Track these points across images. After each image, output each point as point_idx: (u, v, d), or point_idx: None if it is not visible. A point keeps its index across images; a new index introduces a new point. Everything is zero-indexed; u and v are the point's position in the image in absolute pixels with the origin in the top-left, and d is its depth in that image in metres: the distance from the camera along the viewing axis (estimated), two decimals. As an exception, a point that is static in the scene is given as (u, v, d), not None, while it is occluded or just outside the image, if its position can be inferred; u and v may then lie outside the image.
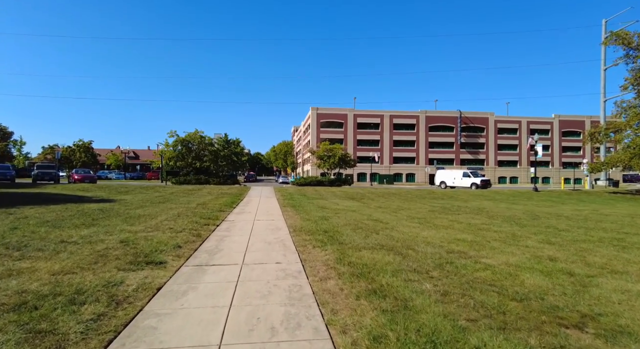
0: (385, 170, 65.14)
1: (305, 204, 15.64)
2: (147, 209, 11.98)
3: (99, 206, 12.76)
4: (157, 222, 8.97)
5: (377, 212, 12.90)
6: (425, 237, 7.80)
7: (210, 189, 24.46)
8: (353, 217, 11.20)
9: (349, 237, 7.33)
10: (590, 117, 69.41)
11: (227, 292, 4.02)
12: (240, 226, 9.08)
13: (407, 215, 12.35)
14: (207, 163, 35.47)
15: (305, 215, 11.38)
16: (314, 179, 36.90)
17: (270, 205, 15.24)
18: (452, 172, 37.66)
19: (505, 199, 22.75)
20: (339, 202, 17.20)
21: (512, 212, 13.96)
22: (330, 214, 11.71)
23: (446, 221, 10.99)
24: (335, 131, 65.60)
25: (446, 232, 8.65)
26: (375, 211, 13.71)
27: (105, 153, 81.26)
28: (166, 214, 10.71)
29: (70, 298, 3.63)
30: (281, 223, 9.65)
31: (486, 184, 34.68)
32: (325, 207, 14.24)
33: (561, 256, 6.25)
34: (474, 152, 68.84)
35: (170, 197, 17.89)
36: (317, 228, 8.54)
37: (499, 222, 11.20)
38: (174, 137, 36.41)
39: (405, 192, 26.39)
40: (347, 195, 22.96)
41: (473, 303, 3.70)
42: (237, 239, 7.23)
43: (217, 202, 15.38)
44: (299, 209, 13.18)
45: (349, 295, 3.89)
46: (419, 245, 6.77)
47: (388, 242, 7.00)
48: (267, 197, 20.19)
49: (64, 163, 51.02)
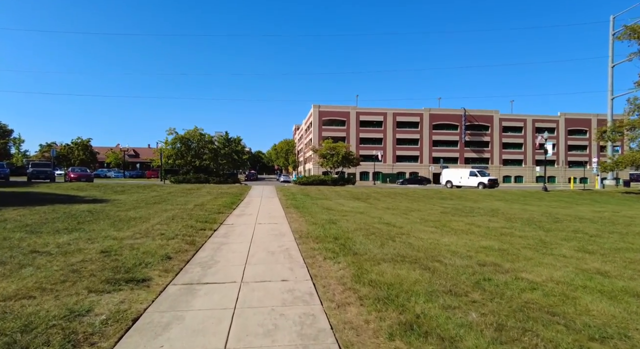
0: (389, 169, 64.17)
1: (309, 205, 14.79)
2: (140, 211, 11.14)
3: (89, 207, 11.93)
4: (148, 227, 8.12)
5: (387, 215, 12.04)
6: (447, 245, 6.93)
7: (209, 189, 23.61)
8: (362, 220, 10.34)
9: (363, 246, 6.46)
10: (597, 115, 68.29)
11: (220, 326, 3.15)
12: (239, 231, 8.23)
13: (419, 217, 11.49)
14: (207, 161, 34.12)
15: (310, 218, 10.52)
16: (316, 178, 35.93)
17: (272, 206, 14.39)
18: (458, 172, 36.71)
19: (517, 200, 21.86)
20: (344, 203, 16.35)
21: (529, 214, 13.09)
22: (338, 217, 10.85)
23: (462, 224, 10.14)
24: (337, 128, 64.61)
25: (468, 238, 7.79)
26: (385, 212, 12.85)
27: (105, 151, 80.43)
28: (159, 217, 9.86)
29: (8, 339, 2.72)
30: (285, 227, 8.80)
31: (493, 183, 33.76)
32: (331, 209, 13.39)
33: (612, 270, 5.38)
34: (478, 150, 67.79)
35: (167, 197, 17.06)
36: (325, 234, 7.68)
37: (519, 225, 10.35)
38: (173, 135, 35.07)
39: (412, 192, 25.51)
40: (352, 195, 22.10)
41: (543, 344, 2.83)
42: (235, 248, 6.36)
43: (216, 203, 14.53)
44: (303, 211, 12.33)
45: (379, 332, 3.00)
46: (444, 256, 5.90)
47: (408, 252, 6.13)
48: (268, 197, 19.35)
49: (62, 161, 50.15)
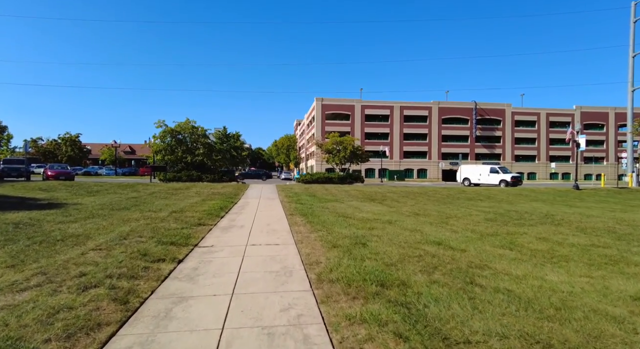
0: (395, 165, 60.99)
1: (318, 210, 11.72)
2: (91, 223, 8.12)
3: (27, 215, 8.91)
4: (74, 257, 5.09)
5: (425, 225, 8.98)
6: (570, 293, 3.89)
7: (200, 188, 20.55)
8: (399, 236, 7.29)
9: (444, 309, 3.39)
10: (615, 108, 64.86)
11: None
12: (218, 264, 5.18)
13: (468, 229, 8.45)
14: (200, 157, 30.77)
15: (326, 233, 7.47)
16: (321, 176, 32.69)
17: (272, 212, 11.36)
18: (477, 168, 33.52)
19: (554, 200, 18.74)
20: (360, 207, 13.31)
21: (602, 223, 9.97)
22: (363, 231, 7.80)
23: (533, 239, 7.19)
24: (341, 123, 61.39)
25: (578, 271, 4.74)
26: (417, 220, 9.80)
27: (100, 148, 77.34)
28: (109, 234, 6.84)
29: None
30: (291, 255, 5.75)
31: (517, 181, 30.60)
32: (348, 216, 10.34)
33: None
34: (489, 146, 64.52)
35: (146, 199, 14.04)
36: (358, 271, 4.63)
37: (611, 241, 7.34)
38: (162, 128, 31.15)
39: (432, 192, 22.40)
40: (365, 195, 19.04)
41: None
42: (200, 313, 3.31)
43: (200, 208, 11.50)
44: (313, 221, 9.26)
45: None
46: (605, 332, 2.84)
47: (537, 326, 3.06)
48: (268, 198, 16.31)
49: (49, 158, 47.07)
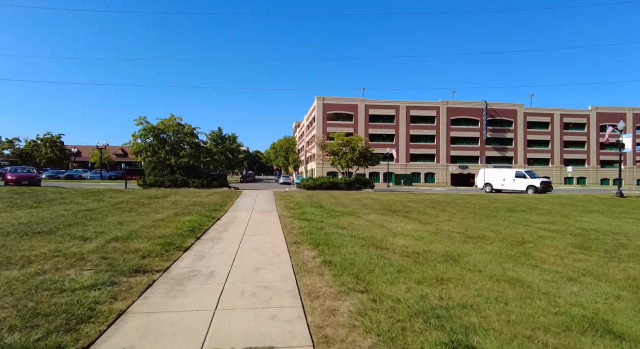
0: (402, 169, 57.42)
1: (334, 234, 8.06)
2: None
3: None
4: None
5: (516, 267, 5.40)
6: None
7: (180, 196, 16.92)
8: (504, 302, 3.70)
9: None
10: (633, 108, 61.65)
11: None
12: None
13: (573, 268, 4.88)
14: (186, 159, 26.89)
15: (367, 300, 3.89)
16: (325, 181, 28.94)
17: (266, 237, 7.76)
18: (500, 172, 29.97)
19: (609, 211, 15.24)
20: (385, 224, 9.75)
21: None
22: (430, 289, 4.22)
23: None
24: (344, 124, 57.77)
25: None
26: (485, 251, 6.21)
27: (91, 150, 73.79)
28: None
29: None
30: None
31: (547, 186, 27.08)
32: (382, 246, 6.76)
33: None
34: (500, 148, 61.06)
35: (101, 213, 10.44)
36: None
37: None
38: (143, 125, 27.03)
39: (460, 200, 18.83)
40: (383, 206, 15.47)
41: None
42: None
43: (163, 230, 7.88)
44: (334, 262, 5.63)
45: None
46: None
47: None
48: (262, 211, 12.73)
49: (26, 160, 43.38)
